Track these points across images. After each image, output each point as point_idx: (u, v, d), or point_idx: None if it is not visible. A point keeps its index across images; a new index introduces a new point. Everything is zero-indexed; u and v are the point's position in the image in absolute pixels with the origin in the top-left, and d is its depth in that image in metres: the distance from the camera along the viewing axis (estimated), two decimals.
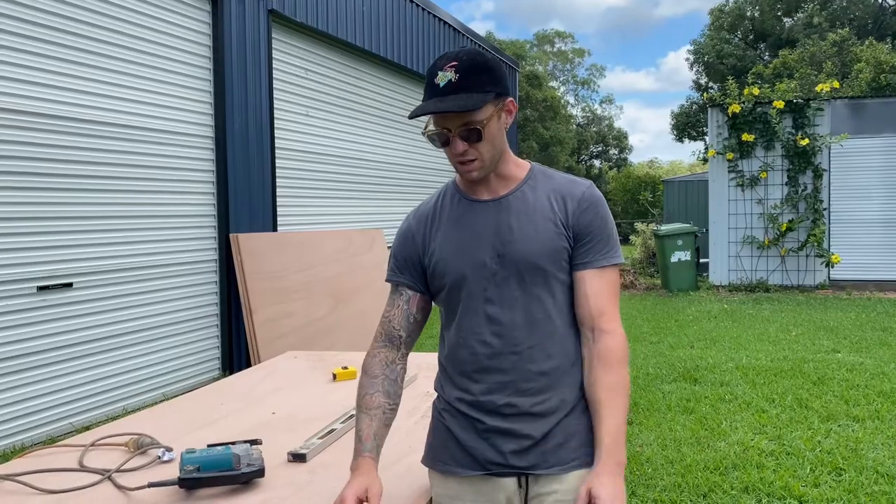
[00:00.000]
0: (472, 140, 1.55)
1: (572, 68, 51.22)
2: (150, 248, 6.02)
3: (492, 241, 1.62)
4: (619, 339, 1.61)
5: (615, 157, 49.65)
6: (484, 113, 1.54)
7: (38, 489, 1.95)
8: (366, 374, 1.72)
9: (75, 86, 5.32)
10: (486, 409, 1.62)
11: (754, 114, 12.24)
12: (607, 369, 1.58)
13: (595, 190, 1.68)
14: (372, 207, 9.72)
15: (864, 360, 6.71)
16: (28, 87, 4.96)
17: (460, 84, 1.51)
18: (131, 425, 2.56)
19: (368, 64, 9.58)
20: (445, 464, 1.67)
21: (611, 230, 1.66)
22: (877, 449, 4.34)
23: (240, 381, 3.25)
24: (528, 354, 1.60)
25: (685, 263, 12.30)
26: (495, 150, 1.59)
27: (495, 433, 1.62)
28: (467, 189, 1.69)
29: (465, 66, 1.52)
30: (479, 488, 1.64)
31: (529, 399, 1.60)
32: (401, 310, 1.73)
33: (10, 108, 4.84)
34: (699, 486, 3.86)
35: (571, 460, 1.62)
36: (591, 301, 1.62)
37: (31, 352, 5.00)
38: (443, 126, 1.55)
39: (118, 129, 5.70)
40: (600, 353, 1.60)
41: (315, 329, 7.15)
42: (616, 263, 1.65)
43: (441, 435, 1.69)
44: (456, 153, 1.56)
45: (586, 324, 1.63)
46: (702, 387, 5.88)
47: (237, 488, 1.91)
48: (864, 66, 19.44)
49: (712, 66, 33.63)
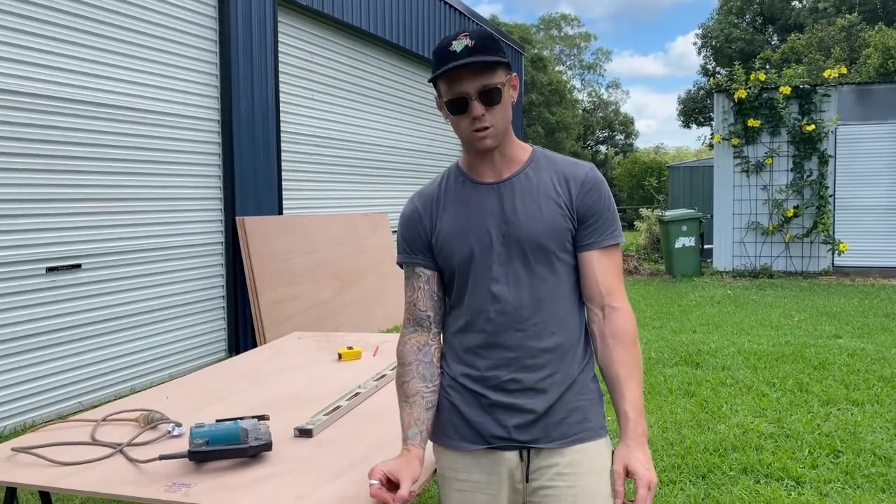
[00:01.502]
0: (493, 101, 1.59)
1: (579, 53, 50.96)
2: (157, 230, 6.08)
3: (497, 222, 1.66)
4: (629, 315, 1.69)
5: (621, 143, 49.47)
6: (500, 77, 1.60)
7: (52, 461, 2.01)
8: (400, 364, 1.76)
9: (82, 68, 5.36)
10: (490, 384, 1.67)
11: (760, 99, 12.20)
12: (623, 347, 1.66)
13: (597, 172, 1.73)
14: (377, 192, 9.76)
15: (865, 345, 6.75)
16: (35, 70, 5.00)
17: (477, 47, 1.57)
18: (141, 402, 2.62)
19: (374, 47, 9.57)
20: (450, 438, 1.73)
21: (613, 210, 1.72)
22: (875, 432, 4.39)
23: (246, 360, 3.30)
24: (533, 331, 1.65)
25: (689, 249, 12.31)
26: (506, 120, 1.64)
27: (499, 408, 1.67)
28: (471, 171, 1.73)
29: (477, 35, 1.60)
30: (481, 462, 1.69)
31: (533, 375, 1.65)
32: (423, 291, 1.77)
33: (17, 91, 4.88)
34: (698, 466, 3.91)
35: (572, 435, 1.67)
36: (600, 280, 1.68)
37: (41, 332, 5.08)
38: (460, 92, 1.59)
39: (125, 111, 5.74)
40: (614, 331, 1.67)
41: (321, 311, 7.22)
42: (619, 242, 1.72)
43: (445, 411, 1.74)
44: (475, 116, 1.60)
45: (596, 302, 1.69)
46: (703, 371, 5.93)
47: (245, 461, 1.96)
48: (872, 52, 19.30)
49: (720, 50, 33.43)
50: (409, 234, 1.77)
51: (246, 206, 6.99)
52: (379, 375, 2.87)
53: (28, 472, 1.95)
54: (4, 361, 4.83)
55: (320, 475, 1.88)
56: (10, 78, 4.83)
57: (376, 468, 1.62)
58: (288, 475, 1.88)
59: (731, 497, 3.53)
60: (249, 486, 1.81)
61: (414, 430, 1.68)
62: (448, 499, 1.74)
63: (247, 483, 1.83)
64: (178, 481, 1.84)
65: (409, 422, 1.69)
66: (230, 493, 1.77)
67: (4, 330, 4.83)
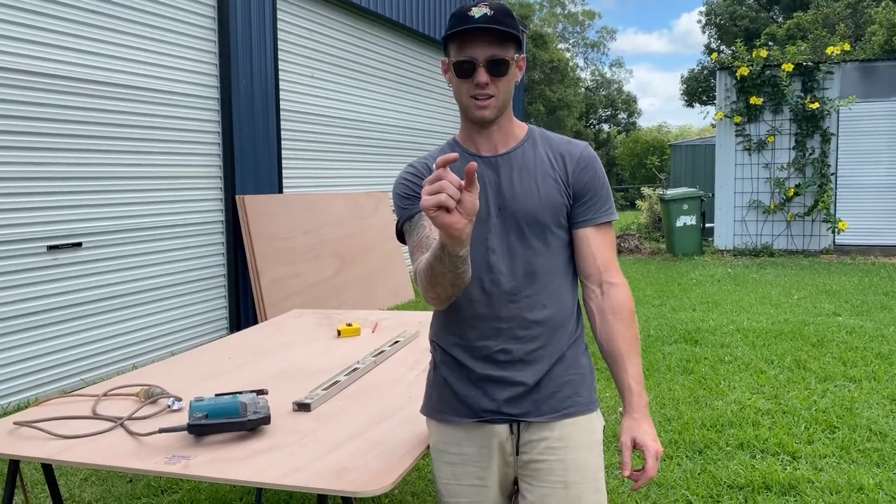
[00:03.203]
0: (499, 72, 1.60)
1: (582, 30, 50.53)
2: (157, 208, 6.09)
3: (494, 194, 1.67)
4: (625, 290, 1.71)
5: (624, 122, 49.23)
6: (510, 51, 1.61)
7: (54, 435, 2.04)
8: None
9: (81, 46, 5.34)
10: (480, 354, 1.68)
11: (763, 77, 12.12)
12: (623, 323, 1.69)
13: (591, 150, 1.75)
14: (377, 170, 9.74)
15: (864, 323, 6.77)
16: (34, 48, 4.98)
17: (495, 18, 1.58)
18: (141, 378, 2.65)
19: (374, 25, 9.51)
20: (442, 413, 1.75)
21: (607, 188, 1.75)
22: (871, 408, 4.42)
23: (246, 337, 3.33)
24: (526, 303, 1.67)
25: (690, 228, 12.31)
26: (508, 94, 1.65)
27: (488, 381, 1.68)
28: (468, 144, 1.73)
29: (497, 7, 1.60)
30: (472, 435, 1.71)
31: (524, 346, 1.67)
32: (433, 230, 1.62)
33: (16, 69, 4.87)
34: (695, 442, 3.95)
35: (563, 409, 1.69)
36: (597, 256, 1.70)
37: (42, 310, 5.11)
38: (469, 56, 1.60)
39: (124, 89, 5.72)
40: (613, 307, 1.70)
41: (322, 290, 7.24)
42: (613, 220, 1.75)
43: (438, 385, 1.76)
44: (479, 82, 1.60)
45: (593, 279, 1.72)
46: (702, 348, 5.96)
47: (244, 435, 1.99)
48: (877, 29, 19.14)
49: (725, 28, 33.13)
50: (406, 191, 1.70)
51: (246, 184, 6.99)
52: (377, 351, 2.89)
53: (30, 446, 1.98)
54: (6, 339, 4.87)
55: (318, 447, 1.91)
56: (9, 56, 4.81)
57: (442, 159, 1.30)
58: (286, 447, 1.91)
59: (728, 472, 3.57)
60: (248, 459, 1.83)
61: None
62: (440, 471, 1.77)
63: (245, 455, 1.86)
64: (177, 454, 1.87)
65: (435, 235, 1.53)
66: (229, 465, 1.80)
67: (6, 308, 4.86)
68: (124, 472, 1.81)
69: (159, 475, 1.82)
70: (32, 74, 4.97)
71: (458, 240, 1.35)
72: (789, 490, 3.38)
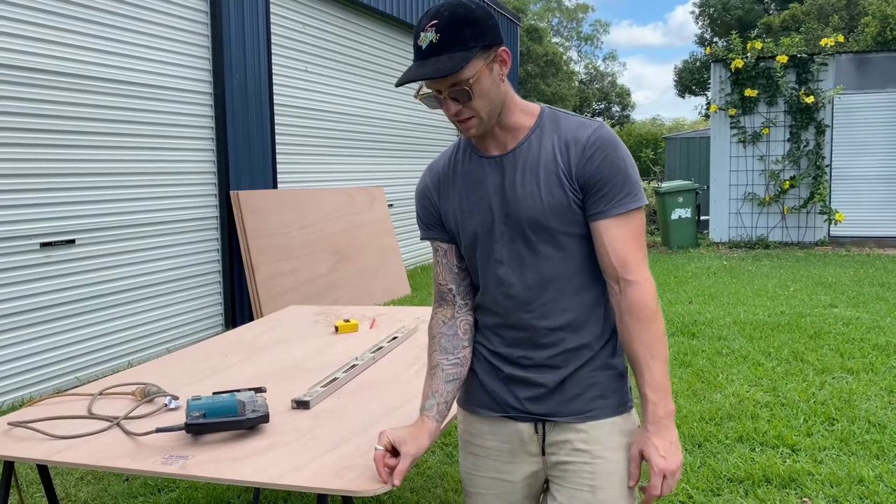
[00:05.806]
0: (462, 100, 1.51)
1: (577, 24, 50.44)
2: (151, 204, 6.04)
3: (499, 201, 1.61)
4: (646, 288, 1.56)
5: (618, 115, 49.21)
6: (471, 70, 1.48)
7: (49, 435, 2.01)
8: (429, 337, 1.77)
9: (73, 41, 5.28)
10: (505, 359, 1.68)
11: (757, 69, 12.11)
12: (640, 324, 1.56)
13: (604, 131, 1.57)
14: (373, 165, 9.70)
15: (860, 314, 6.78)
16: (24, 43, 4.92)
17: (441, 44, 1.46)
18: (137, 376, 2.62)
19: (368, 18, 9.45)
20: (472, 404, 1.75)
21: (625, 172, 1.55)
22: (870, 400, 4.42)
23: (243, 333, 3.30)
24: (541, 312, 1.61)
25: (685, 220, 12.31)
26: (493, 104, 1.53)
27: (513, 381, 1.67)
28: (477, 144, 1.67)
29: (445, 22, 1.46)
30: (495, 429, 1.71)
31: (544, 352, 1.63)
32: (442, 266, 1.74)
33: (6, 64, 4.81)
34: (694, 435, 3.94)
35: (587, 411, 1.64)
36: (610, 252, 1.56)
37: (36, 307, 5.06)
38: (433, 88, 1.53)
39: (117, 85, 5.67)
40: (630, 307, 1.56)
41: (317, 286, 7.21)
42: (635, 207, 1.56)
43: (470, 378, 1.76)
44: (450, 113, 1.55)
45: (611, 276, 1.58)
46: (699, 341, 5.95)
47: (242, 433, 1.96)
48: (870, 20, 19.15)
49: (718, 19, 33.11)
50: (422, 210, 1.75)
51: (240, 179, 6.94)
52: (375, 347, 2.87)
53: (25, 447, 1.95)
54: (0, 337, 4.83)
55: (317, 446, 1.88)
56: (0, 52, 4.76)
57: (385, 434, 1.62)
58: (285, 446, 1.88)
59: (727, 465, 3.56)
60: (246, 458, 1.81)
61: (431, 402, 1.68)
62: (464, 460, 1.78)
63: (244, 455, 1.83)
64: (175, 454, 1.84)
65: (427, 392, 1.70)
66: (227, 464, 1.77)
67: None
68: (121, 473, 1.78)
69: (157, 476, 1.79)
70: (21, 70, 4.92)
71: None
72: (789, 483, 3.37)
